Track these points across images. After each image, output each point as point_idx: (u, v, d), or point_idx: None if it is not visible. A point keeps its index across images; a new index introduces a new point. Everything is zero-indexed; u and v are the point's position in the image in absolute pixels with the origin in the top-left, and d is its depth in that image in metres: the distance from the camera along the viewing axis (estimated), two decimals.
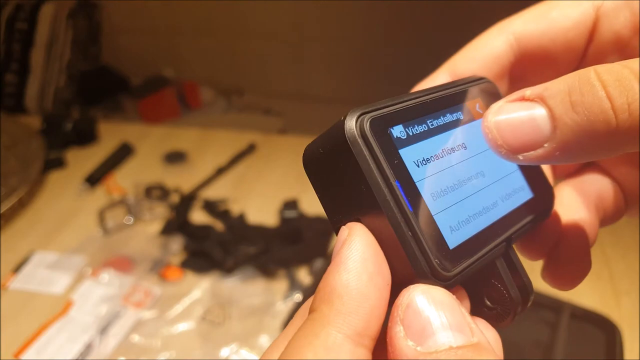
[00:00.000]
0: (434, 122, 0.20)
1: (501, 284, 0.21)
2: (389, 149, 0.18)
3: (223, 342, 0.66)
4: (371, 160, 0.18)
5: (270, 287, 0.73)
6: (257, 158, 1.04)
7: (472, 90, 0.23)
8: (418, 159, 0.19)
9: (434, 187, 0.19)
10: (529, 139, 0.18)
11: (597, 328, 0.64)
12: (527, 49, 0.24)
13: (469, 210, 0.20)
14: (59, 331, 0.68)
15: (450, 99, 0.22)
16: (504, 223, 0.21)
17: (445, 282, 0.18)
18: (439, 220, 0.19)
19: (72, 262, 0.78)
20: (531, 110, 0.18)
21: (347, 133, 0.18)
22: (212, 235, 0.81)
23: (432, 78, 0.25)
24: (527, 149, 0.18)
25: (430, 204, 0.19)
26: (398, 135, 0.19)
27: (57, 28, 1.68)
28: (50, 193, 0.96)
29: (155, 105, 1.60)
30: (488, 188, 0.21)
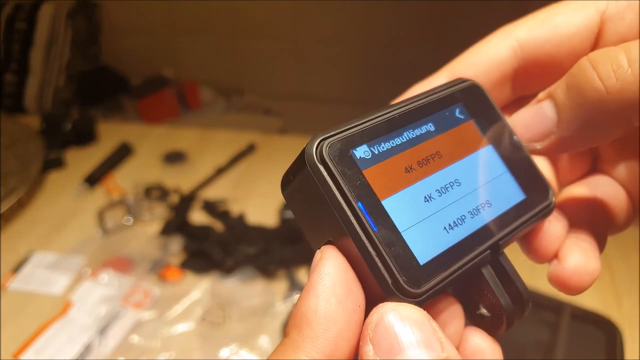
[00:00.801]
0: (402, 136, 0.20)
1: (490, 293, 0.21)
2: (351, 171, 0.18)
3: (223, 342, 0.65)
4: (331, 183, 0.18)
5: (270, 287, 0.73)
6: (257, 158, 1.04)
7: (453, 95, 0.22)
8: (385, 175, 0.19)
9: (402, 202, 0.19)
10: (541, 128, 0.20)
11: (598, 328, 0.64)
12: (531, 55, 0.23)
13: (444, 222, 0.20)
14: (58, 331, 0.68)
15: (425, 108, 0.21)
16: (488, 230, 0.21)
17: (416, 298, 0.18)
18: (408, 236, 0.18)
19: (72, 263, 0.78)
20: (540, 105, 0.20)
21: (307, 159, 0.18)
22: (211, 235, 0.81)
23: (430, 80, 0.25)
24: (542, 138, 0.20)
25: (398, 221, 0.19)
26: (362, 156, 0.19)
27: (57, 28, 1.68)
28: (50, 193, 0.96)
29: (155, 105, 1.60)
30: (467, 196, 0.21)
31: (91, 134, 1.10)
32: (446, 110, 0.22)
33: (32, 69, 1.63)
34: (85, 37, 1.76)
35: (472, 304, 0.21)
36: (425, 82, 0.25)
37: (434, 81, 0.24)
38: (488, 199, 0.21)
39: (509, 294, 0.21)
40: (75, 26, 1.75)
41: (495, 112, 0.23)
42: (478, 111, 0.23)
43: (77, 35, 1.71)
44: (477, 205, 0.21)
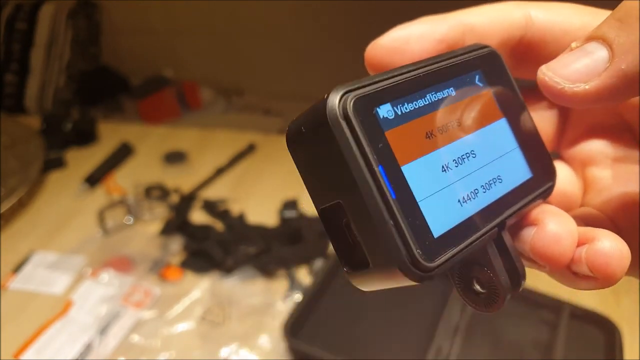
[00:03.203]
0: (425, 98, 0.19)
1: (490, 270, 0.20)
2: (374, 131, 0.17)
3: (223, 342, 0.66)
4: (353, 143, 0.17)
5: (270, 287, 0.73)
6: (257, 158, 1.04)
7: (473, 61, 0.21)
8: (405, 138, 0.18)
9: (420, 170, 0.18)
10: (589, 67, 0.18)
11: (597, 328, 0.64)
12: (539, 32, 0.23)
13: (459, 194, 0.19)
14: (58, 331, 0.68)
15: (447, 71, 0.20)
16: (497, 206, 0.20)
17: (428, 272, 0.17)
18: (425, 206, 0.18)
19: (72, 262, 0.78)
20: (583, 49, 0.18)
21: (329, 113, 0.17)
22: (212, 235, 0.81)
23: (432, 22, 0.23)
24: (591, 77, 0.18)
25: (416, 190, 0.18)
26: (385, 115, 0.18)
27: (57, 28, 1.68)
28: (50, 193, 0.96)
29: (155, 105, 1.60)
30: (481, 169, 0.20)
31: (91, 134, 1.11)
32: (467, 75, 0.21)
33: (33, 69, 1.63)
34: (86, 38, 1.76)
35: (466, 279, 0.20)
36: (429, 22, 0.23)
37: (437, 25, 0.22)
38: (500, 174, 0.20)
39: (507, 271, 0.20)
40: (75, 26, 1.75)
41: (511, 84, 0.22)
42: (495, 80, 0.22)
43: (78, 35, 1.71)
44: (489, 180, 0.20)
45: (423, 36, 0.22)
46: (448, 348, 0.61)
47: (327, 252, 0.78)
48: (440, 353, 0.60)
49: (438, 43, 0.22)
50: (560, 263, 0.19)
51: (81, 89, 1.62)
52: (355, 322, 0.67)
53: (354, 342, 0.65)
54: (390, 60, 0.22)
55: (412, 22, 0.22)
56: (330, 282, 0.72)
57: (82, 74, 1.67)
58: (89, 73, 1.69)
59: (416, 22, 0.22)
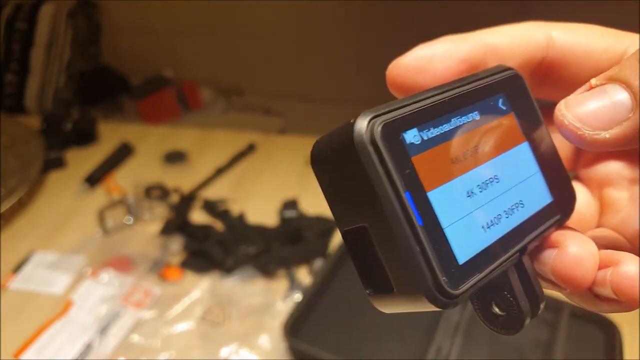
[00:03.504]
0: (451, 123, 0.19)
1: (511, 295, 0.20)
2: (400, 157, 0.17)
3: (223, 342, 0.66)
4: (381, 169, 0.17)
5: (270, 287, 0.73)
6: (257, 158, 1.04)
7: (496, 84, 0.21)
8: (431, 165, 0.18)
9: (446, 196, 0.18)
10: (611, 115, 0.18)
11: (597, 328, 0.64)
12: (561, 54, 0.23)
13: (483, 220, 0.19)
14: (58, 331, 0.68)
15: (471, 95, 0.20)
16: (520, 231, 0.20)
17: (452, 299, 0.17)
18: (450, 233, 0.18)
19: (72, 262, 0.78)
20: (605, 91, 0.18)
21: (356, 139, 0.17)
22: (212, 235, 0.81)
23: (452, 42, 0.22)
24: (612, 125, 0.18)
25: (442, 216, 0.18)
26: (411, 141, 0.18)
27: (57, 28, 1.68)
28: (50, 193, 0.96)
29: (155, 105, 1.60)
30: (504, 194, 0.20)
31: (91, 134, 1.10)
32: (491, 99, 0.21)
33: (33, 69, 1.63)
34: (86, 37, 1.76)
35: (485, 302, 0.21)
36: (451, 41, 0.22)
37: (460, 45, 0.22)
38: (522, 199, 0.20)
39: (527, 295, 0.20)
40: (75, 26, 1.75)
41: (534, 107, 0.22)
42: (518, 104, 0.22)
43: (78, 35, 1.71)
44: (511, 205, 0.20)
45: (446, 55, 0.22)
46: (448, 348, 0.61)
47: (327, 252, 0.78)
48: (440, 353, 0.60)
49: (461, 63, 0.22)
50: (582, 285, 0.19)
51: (81, 89, 1.61)
52: (356, 322, 0.67)
53: (354, 342, 0.65)
54: (413, 79, 0.22)
55: (434, 41, 0.22)
56: (330, 282, 0.72)
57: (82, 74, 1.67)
58: (89, 73, 1.69)
59: (438, 41, 0.22)
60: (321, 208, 0.88)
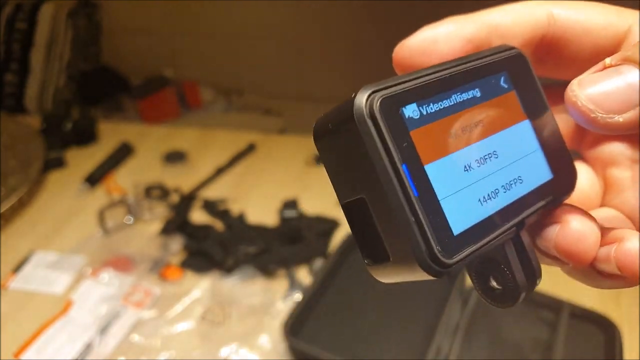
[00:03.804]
0: (451, 99, 0.20)
1: (507, 269, 0.20)
2: (399, 130, 0.18)
3: (223, 341, 0.66)
4: (379, 142, 0.17)
5: (270, 286, 0.73)
6: (257, 158, 1.05)
7: (499, 62, 0.22)
8: (430, 138, 0.19)
9: (443, 169, 0.19)
10: (626, 98, 0.17)
11: (597, 327, 0.64)
12: (561, 31, 0.23)
13: (479, 194, 0.19)
14: (59, 331, 0.68)
15: (473, 72, 0.21)
16: (517, 206, 0.20)
17: (446, 268, 0.18)
18: (446, 205, 0.18)
19: (72, 262, 0.78)
20: (620, 72, 0.18)
21: (356, 112, 0.17)
22: (212, 235, 0.81)
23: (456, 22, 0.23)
24: (626, 109, 0.17)
25: (438, 188, 0.18)
26: (410, 115, 0.18)
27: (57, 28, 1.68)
28: (50, 193, 0.96)
29: (155, 105, 1.60)
30: (503, 170, 0.20)
31: (92, 134, 1.11)
32: (492, 77, 0.21)
33: (33, 69, 1.63)
34: (86, 37, 1.76)
35: (483, 276, 0.21)
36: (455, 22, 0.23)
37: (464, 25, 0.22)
38: (520, 175, 0.21)
39: (524, 270, 0.21)
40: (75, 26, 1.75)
41: (536, 86, 0.23)
42: (520, 82, 0.22)
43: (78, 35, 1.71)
44: (510, 180, 0.20)
45: (451, 36, 0.22)
46: (448, 347, 0.61)
47: (327, 252, 0.78)
48: (440, 352, 0.60)
49: (466, 43, 0.22)
50: (585, 260, 0.20)
51: (81, 88, 1.61)
52: (356, 322, 0.67)
53: (354, 341, 0.65)
54: (419, 60, 0.22)
55: (439, 22, 0.23)
56: (330, 282, 0.72)
57: (82, 73, 1.67)
58: (89, 73, 1.69)
59: (443, 22, 0.23)
60: (321, 208, 0.88)
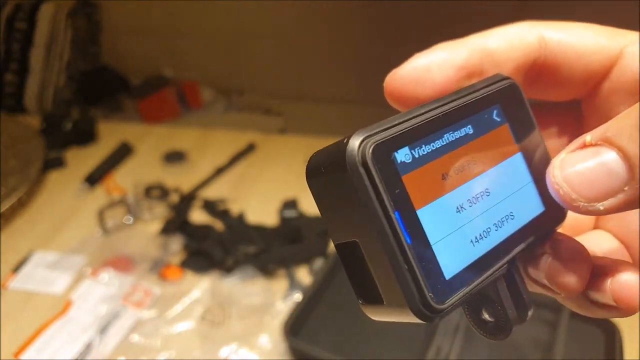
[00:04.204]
0: (443, 139, 0.19)
1: (499, 304, 0.20)
2: (391, 177, 0.18)
3: (223, 341, 0.66)
4: (371, 189, 0.17)
5: (270, 286, 0.73)
6: (257, 158, 1.05)
7: (492, 95, 0.21)
8: (422, 183, 0.18)
9: (435, 212, 0.18)
10: (606, 186, 0.17)
11: (597, 328, 0.64)
12: (552, 55, 0.22)
13: (471, 234, 0.19)
14: (58, 331, 0.68)
15: (465, 109, 0.20)
16: (509, 243, 0.20)
17: (438, 313, 0.18)
18: (438, 249, 0.18)
19: (72, 262, 0.78)
20: (599, 156, 0.17)
21: (348, 159, 0.17)
22: (211, 234, 0.81)
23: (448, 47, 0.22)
24: (607, 197, 0.17)
25: (430, 233, 0.18)
26: (402, 160, 0.18)
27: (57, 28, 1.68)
28: (50, 193, 0.96)
29: (155, 105, 1.60)
30: (494, 207, 0.20)
31: (91, 134, 1.11)
32: (485, 112, 0.21)
33: (33, 69, 1.63)
34: (86, 37, 1.76)
35: (475, 309, 0.21)
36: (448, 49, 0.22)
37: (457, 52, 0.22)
38: (512, 211, 0.21)
39: (515, 304, 0.21)
40: (75, 26, 1.75)
41: (529, 117, 0.22)
42: (513, 114, 0.22)
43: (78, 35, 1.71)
44: (501, 218, 0.20)
45: (444, 64, 0.22)
46: (448, 348, 0.61)
47: (327, 252, 0.78)
48: (440, 353, 0.60)
49: (459, 70, 0.22)
50: (576, 290, 0.20)
51: (81, 88, 1.61)
52: (355, 322, 0.67)
53: (354, 341, 0.65)
54: (412, 89, 0.21)
55: (430, 50, 0.22)
56: (330, 282, 0.72)
57: (82, 73, 1.67)
58: (89, 73, 1.69)
59: (435, 49, 0.22)
60: None
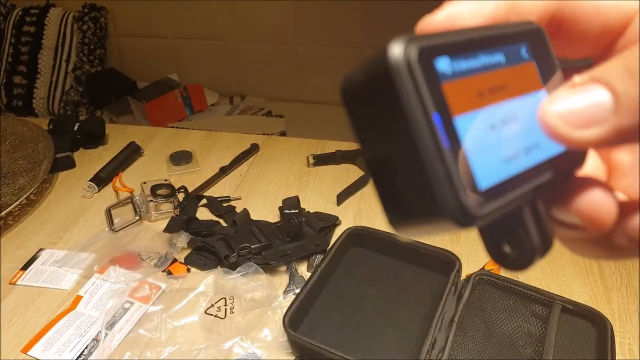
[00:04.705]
0: (478, 59, 0.20)
1: (525, 230, 0.21)
2: (432, 81, 0.18)
3: (227, 335, 0.67)
4: (412, 89, 0.17)
5: (272, 281, 0.75)
6: (260, 158, 1.07)
7: (520, 34, 0.23)
8: (459, 93, 0.19)
9: (471, 124, 0.19)
10: (592, 115, 0.18)
11: (588, 322, 0.66)
12: (570, 9, 0.23)
13: (503, 153, 0.20)
14: (66, 326, 0.70)
15: (498, 39, 0.21)
16: (536, 171, 0.21)
17: (471, 221, 0.18)
18: (473, 159, 0.18)
19: (80, 259, 0.80)
20: (587, 91, 0.19)
21: (392, 59, 0.18)
22: (216, 231, 0.83)
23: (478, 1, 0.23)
24: (592, 125, 0.18)
25: (466, 142, 0.18)
26: (443, 69, 0.19)
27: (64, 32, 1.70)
28: (59, 192, 0.98)
29: (162, 107, 1.62)
30: (524, 133, 0.21)
31: (99, 135, 1.12)
32: (515, 46, 0.22)
33: (41, 72, 1.65)
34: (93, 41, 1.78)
35: (496, 240, 0.22)
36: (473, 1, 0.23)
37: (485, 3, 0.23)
38: (539, 142, 0.21)
39: (539, 233, 0.21)
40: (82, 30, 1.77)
41: (553, 60, 0.24)
42: (539, 54, 0.23)
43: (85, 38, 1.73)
44: (530, 144, 0.21)
45: (474, 13, 0.23)
46: (443, 341, 0.63)
47: (327, 248, 0.79)
48: (435, 346, 0.62)
49: (487, 19, 0.23)
50: (607, 223, 0.21)
51: (89, 91, 1.63)
52: (354, 316, 0.69)
53: (352, 335, 0.67)
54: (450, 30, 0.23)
55: (459, 1, 0.23)
56: (329, 278, 0.74)
57: (90, 76, 1.69)
58: (96, 75, 1.70)
59: (464, 1, 0.23)
60: (321, 206, 0.91)
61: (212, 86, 2.03)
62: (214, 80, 2.05)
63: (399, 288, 0.73)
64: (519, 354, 0.63)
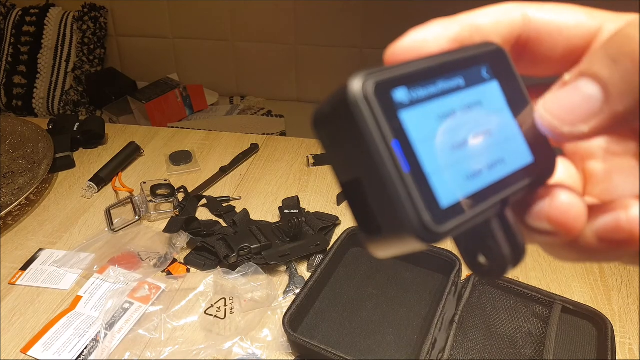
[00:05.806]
0: (438, 85, 0.21)
1: (494, 243, 0.22)
2: (389, 111, 0.19)
3: (226, 335, 0.67)
4: (372, 120, 0.19)
5: (272, 281, 0.75)
6: (260, 158, 1.07)
7: (480, 55, 0.23)
8: (418, 120, 0.20)
9: (431, 147, 0.20)
10: (585, 109, 0.19)
11: (589, 322, 0.66)
12: (536, 31, 0.24)
13: (465, 171, 0.21)
14: (66, 326, 0.70)
15: (457, 64, 0.22)
16: (501, 184, 0.22)
17: (435, 237, 0.19)
18: (433, 179, 0.20)
19: (80, 259, 0.80)
20: (577, 87, 0.19)
21: (352, 94, 0.19)
22: (216, 231, 0.83)
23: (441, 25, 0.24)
24: (587, 120, 0.19)
25: (426, 164, 0.20)
26: (400, 98, 0.20)
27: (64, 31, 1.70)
28: (58, 192, 0.98)
29: (162, 107, 1.62)
30: (486, 151, 0.22)
31: (99, 135, 1.12)
32: (474, 68, 0.23)
33: (41, 72, 1.65)
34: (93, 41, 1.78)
35: (471, 252, 0.23)
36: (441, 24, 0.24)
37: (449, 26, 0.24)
38: (503, 157, 0.22)
39: (510, 245, 0.22)
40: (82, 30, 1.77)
41: (516, 78, 0.24)
42: (501, 74, 0.24)
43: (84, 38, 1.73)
44: (493, 161, 0.22)
45: (438, 37, 0.24)
46: (444, 341, 0.63)
47: (327, 248, 0.79)
48: (435, 346, 0.62)
49: (451, 42, 0.24)
50: (576, 228, 0.21)
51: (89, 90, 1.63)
52: (354, 316, 0.69)
53: (352, 335, 0.67)
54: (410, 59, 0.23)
55: (426, 24, 0.24)
56: (329, 278, 0.74)
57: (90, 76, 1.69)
58: (96, 75, 1.71)
59: (429, 25, 0.24)
60: (321, 206, 0.90)
61: (212, 86, 2.03)
62: (214, 80, 2.05)
63: (399, 288, 0.73)
64: (519, 354, 0.63)
